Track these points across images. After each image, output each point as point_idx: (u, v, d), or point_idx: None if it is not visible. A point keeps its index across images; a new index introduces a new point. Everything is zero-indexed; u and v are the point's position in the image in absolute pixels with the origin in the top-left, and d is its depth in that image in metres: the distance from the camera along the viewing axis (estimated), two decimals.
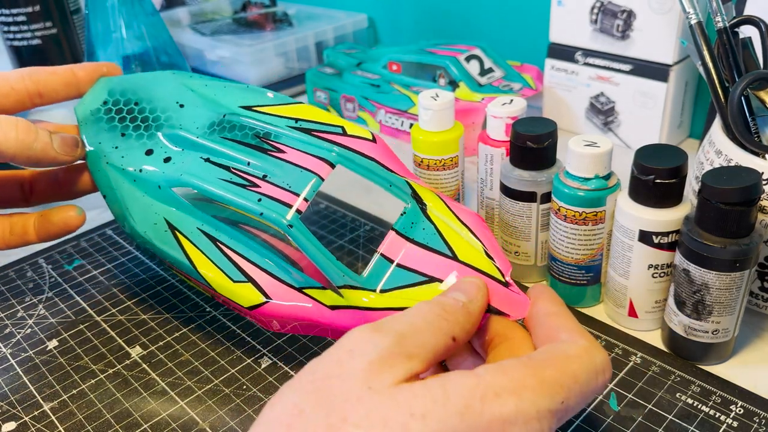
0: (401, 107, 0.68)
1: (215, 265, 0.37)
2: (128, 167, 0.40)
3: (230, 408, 0.38)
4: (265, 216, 0.35)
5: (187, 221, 0.39)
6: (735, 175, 0.34)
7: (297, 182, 0.36)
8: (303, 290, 0.36)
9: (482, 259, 0.35)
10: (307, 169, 0.37)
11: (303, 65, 0.86)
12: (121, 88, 0.43)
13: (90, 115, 0.42)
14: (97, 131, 0.42)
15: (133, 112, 0.43)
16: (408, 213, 0.37)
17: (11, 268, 0.52)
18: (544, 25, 0.69)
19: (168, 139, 0.41)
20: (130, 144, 0.41)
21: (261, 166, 0.38)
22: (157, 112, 0.42)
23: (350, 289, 0.35)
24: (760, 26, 0.43)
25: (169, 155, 0.40)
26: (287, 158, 0.38)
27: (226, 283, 0.36)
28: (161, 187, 0.39)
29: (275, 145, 0.39)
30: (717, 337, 0.38)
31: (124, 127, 0.42)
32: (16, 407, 0.39)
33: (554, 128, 0.42)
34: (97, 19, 0.64)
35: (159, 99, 0.43)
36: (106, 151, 0.41)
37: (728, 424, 0.35)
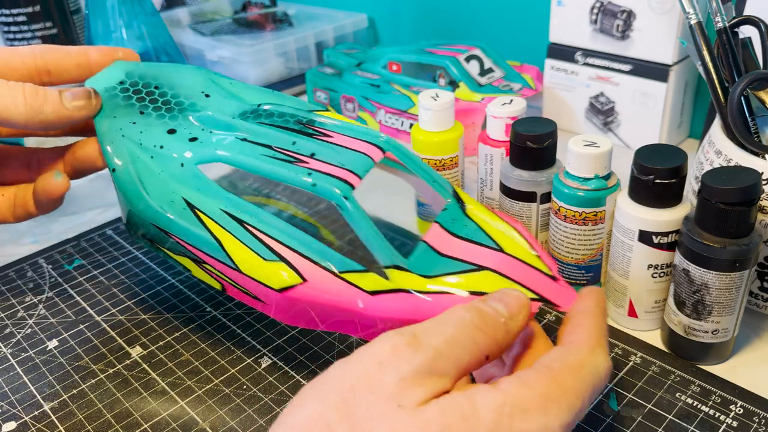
0: (401, 107, 0.68)
1: (243, 243, 0.34)
2: (147, 143, 0.37)
3: (230, 408, 0.38)
4: (317, 187, 0.33)
5: (209, 202, 0.36)
6: (735, 175, 0.34)
7: (348, 161, 0.34)
8: (341, 274, 0.33)
9: (529, 255, 0.34)
10: (358, 150, 0.35)
11: (303, 65, 0.86)
12: (140, 73, 0.41)
13: (104, 91, 0.40)
14: (112, 106, 0.39)
15: (153, 95, 0.40)
16: (449, 209, 0.36)
17: (11, 268, 0.52)
18: (544, 25, 0.69)
19: (196, 120, 0.38)
20: (149, 121, 0.39)
21: (308, 146, 0.35)
22: (180, 97, 0.40)
23: (398, 270, 0.33)
24: (760, 26, 0.43)
25: (195, 135, 0.37)
26: (335, 141, 0.36)
27: (256, 261, 0.34)
28: (184, 165, 0.36)
29: (320, 130, 0.37)
30: (717, 337, 0.38)
31: (143, 106, 0.39)
32: (16, 407, 0.39)
33: (554, 128, 0.42)
34: (97, 19, 0.64)
35: (182, 87, 0.41)
36: (122, 125, 0.38)
37: (728, 424, 0.35)
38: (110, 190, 0.62)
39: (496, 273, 0.33)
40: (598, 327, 0.29)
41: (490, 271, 0.33)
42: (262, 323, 0.44)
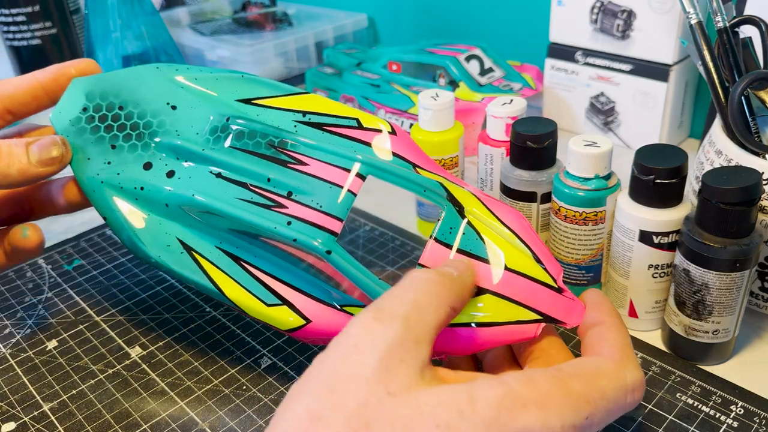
0: (401, 107, 0.68)
1: (244, 288, 0.34)
2: (127, 186, 0.36)
3: (230, 408, 0.38)
4: (299, 242, 0.33)
5: (203, 241, 0.35)
6: (735, 175, 0.34)
7: (328, 200, 0.33)
8: (343, 308, 0.33)
9: (531, 265, 0.32)
10: (336, 184, 0.34)
11: (303, 65, 0.86)
12: (100, 90, 0.38)
13: (70, 125, 0.37)
14: (83, 145, 0.37)
15: (119, 119, 0.37)
16: (445, 219, 0.34)
17: (11, 268, 0.52)
18: (544, 25, 0.69)
19: (167, 151, 0.37)
20: (123, 158, 0.37)
21: (284, 182, 0.34)
22: (147, 116, 0.38)
23: None
24: (760, 26, 0.43)
25: (171, 168, 0.36)
26: (311, 172, 0.34)
27: (260, 308, 0.34)
28: (169, 206, 0.35)
29: (294, 155, 0.35)
30: (717, 337, 0.38)
31: (112, 137, 0.37)
32: (15, 407, 0.39)
33: (554, 128, 0.42)
34: (97, 19, 0.64)
35: (146, 101, 0.38)
36: (99, 169, 0.36)
37: (728, 424, 0.35)
38: None
39: (498, 296, 0.31)
40: (622, 338, 0.29)
41: (491, 294, 0.31)
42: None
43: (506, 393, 0.24)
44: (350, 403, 0.23)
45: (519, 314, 0.31)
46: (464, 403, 0.23)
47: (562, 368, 0.26)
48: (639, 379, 0.27)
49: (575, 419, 0.24)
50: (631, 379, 0.27)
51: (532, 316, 0.31)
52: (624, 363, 0.27)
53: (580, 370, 0.26)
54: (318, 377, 0.24)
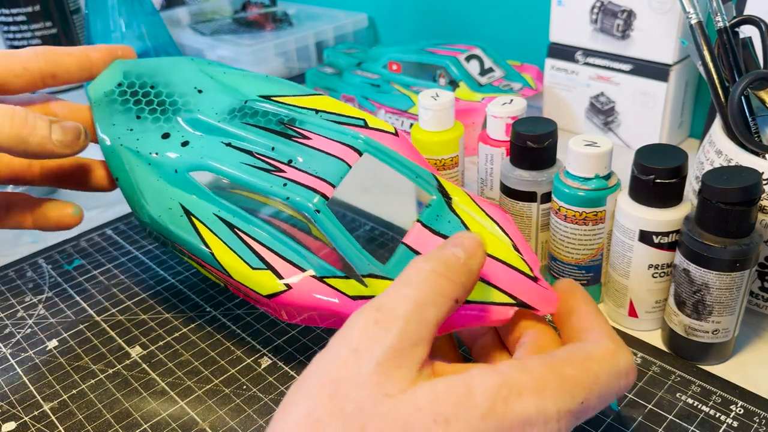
0: (401, 107, 0.68)
1: (233, 251, 0.36)
2: (144, 150, 0.39)
3: (230, 408, 0.38)
4: (291, 201, 0.35)
5: (203, 207, 0.37)
6: (735, 175, 0.34)
7: (324, 168, 0.36)
8: (324, 279, 0.34)
9: (510, 253, 0.34)
10: (334, 155, 0.36)
11: (303, 65, 0.86)
12: (137, 71, 0.43)
13: (104, 96, 0.41)
14: (111, 113, 0.41)
15: (149, 96, 0.42)
16: (433, 205, 0.36)
17: (11, 268, 0.52)
18: (544, 25, 0.69)
19: (186, 123, 0.40)
20: (145, 127, 0.40)
21: (286, 152, 0.37)
22: (174, 96, 0.41)
23: (375, 278, 0.34)
24: (760, 26, 0.43)
25: (187, 139, 0.39)
26: (313, 145, 0.37)
27: (244, 270, 0.35)
28: (178, 172, 0.38)
29: (300, 131, 0.38)
30: (717, 337, 0.38)
31: (139, 110, 0.41)
32: (16, 407, 0.39)
33: (554, 128, 0.42)
34: (97, 19, 0.64)
35: (176, 83, 0.42)
36: (121, 133, 0.40)
37: (728, 424, 0.35)
38: None
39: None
40: (604, 324, 0.29)
41: None
42: (262, 323, 0.44)
43: (502, 381, 0.24)
44: (348, 407, 0.23)
45: (494, 296, 0.32)
46: (461, 394, 0.23)
47: (555, 354, 0.26)
48: (630, 363, 0.27)
49: (571, 404, 0.24)
50: (624, 364, 0.27)
51: (506, 299, 0.32)
52: (615, 347, 0.27)
53: (573, 356, 0.26)
54: (317, 380, 0.24)
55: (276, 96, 0.40)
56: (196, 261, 0.38)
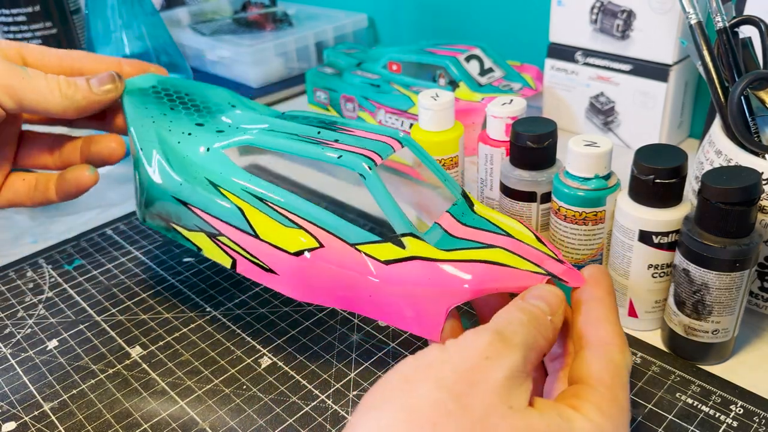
0: (401, 107, 0.68)
1: (262, 212, 0.36)
2: (175, 129, 0.41)
3: (230, 408, 0.38)
4: (342, 159, 0.35)
5: (231, 181, 0.38)
6: (735, 175, 0.34)
7: (370, 145, 0.37)
8: (356, 246, 0.35)
9: (535, 242, 0.35)
10: (378, 140, 0.37)
11: (303, 65, 0.86)
12: (171, 83, 0.45)
13: (137, 90, 0.44)
14: (144, 100, 0.43)
15: (183, 99, 0.44)
16: (458, 204, 0.38)
17: (11, 268, 0.52)
18: (544, 25, 0.69)
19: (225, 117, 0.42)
20: (179, 116, 0.42)
21: (331, 135, 0.38)
22: (209, 104, 0.44)
23: (414, 237, 0.34)
24: (760, 26, 0.43)
25: (222, 129, 0.41)
26: (357, 134, 0.38)
27: (275, 227, 0.36)
28: (210, 150, 0.39)
29: (342, 128, 0.39)
30: (717, 337, 0.38)
31: (173, 105, 0.43)
32: (16, 407, 0.39)
33: (554, 128, 0.42)
34: (97, 19, 0.64)
35: (210, 97, 0.45)
36: (154, 114, 0.42)
37: (728, 424, 0.35)
38: (110, 189, 0.62)
39: (506, 251, 0.34)
40: (614, 315, 0.30)
41: (501, 249, 0.34)
42: (262, 323, 0.44)
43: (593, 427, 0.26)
44: (477, 408, 0.24)
45: (529, 266, 0.33)
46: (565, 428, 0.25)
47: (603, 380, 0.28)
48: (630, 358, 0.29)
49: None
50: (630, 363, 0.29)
51: (537, 270, 0.33)
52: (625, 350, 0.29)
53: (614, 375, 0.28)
54: (450, 375, 0.25)
55: None
56: (211, 231, 0.38)
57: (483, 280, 0.32)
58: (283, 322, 0.44)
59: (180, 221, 0.39)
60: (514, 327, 0.27)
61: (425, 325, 0.34)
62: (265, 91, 0.82)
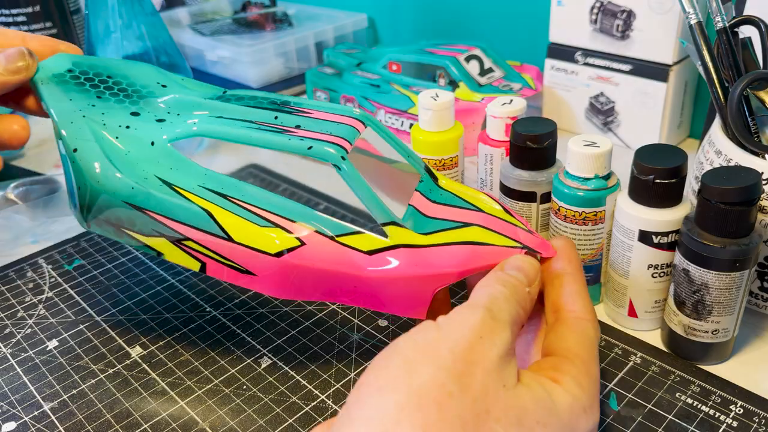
0: (401, 107, 0.68)
1: (232, 213, 0.33)
2: (111, 123, 0.35)
3: (230, 408, 0.38)
4: (314, 150, 0.33)
5: (186, 179, 0.34)
6: (735, 175, 0.34)
7: (335, 130, 0.34)
8: (336, 238, 0.33)
9: (504, 215, 0.35)
10: (341, 122, 0.35)
11: (303, 65, 0.86)
12: (88, 63, 0.38)
13: (52, 77, 0.37)
14: (65, 90, 0.36)
15: (107, 83, 0.38)
16: (424, 180, 0.37)
17: (11, 268, 0.52)
18: (544, 25, 0.69)
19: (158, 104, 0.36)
20: (109, 105, 0.36)
21: (291, 120, 0.34)
22: (136, 85, 0.38)
23: (395, 226, 0.33)
24: (760, 26, 0.43)
25: (161, 117, 0.36)
26: (316, 117, 0.35)
27: (250, 228, 0.32)
28: (155, 144, 0.34)
29: (298, 109, 0.36)
30: (717, 337, 0.38)
31: (99, 92, 0.37)
32: (16, 407, 0.39)
33: (554, 128, 0.42)
34: (97, 19, 0.64)
35: (136, 77, 0.38)
36: (81, 106, 0.36)
37: (728, 423, 0.35)
38: None
39: (481, 227, 0.34)
40: (583, 288, 0.32)
41: (476, 226, 0.34)
42: (262, 323, 0.44)
43: (573, 402, 0.27)
44: (476, 387, 0.25)
45: (505, 241, 0.33)
46: (550, 404, 0.26)
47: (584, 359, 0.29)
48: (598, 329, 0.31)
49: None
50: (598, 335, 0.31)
51: (514, 244, 0.33)
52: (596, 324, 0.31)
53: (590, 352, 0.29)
54: (449, 356, 0.25)
55: None
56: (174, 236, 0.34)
57: (467, 262, 0.33)
58: (283, 322, 0.44)
59: (134, 227, 0.34)
60: (500, 304, 0.28)
61: (411, 307, 0.34)
62: None
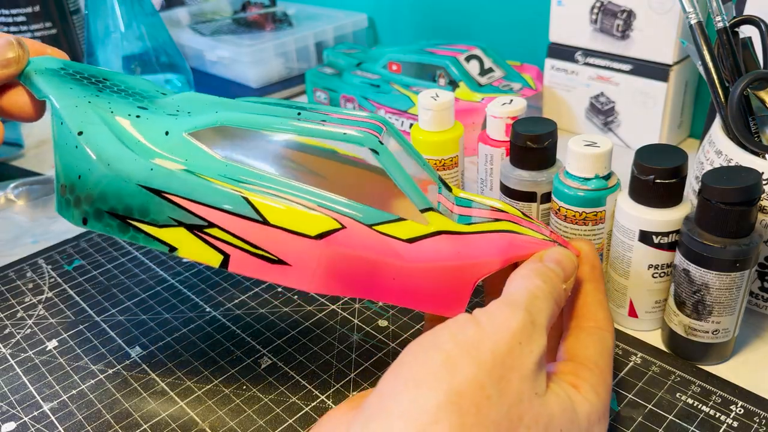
0: (401, 107, 0.68)
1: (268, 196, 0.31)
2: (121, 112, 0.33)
3: (230, 408, 0.38)
4: (348, 136, 0.31)
5: (208, 168, 0.31)
6: (735, 175, 0.34)
7: (360, 124, 0.33)
8: (374, 227, 0.31)
9: (525, 217, 0.35)
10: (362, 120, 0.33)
11: (303, 65, 0.86)
12: (81, 67, 0.36)
13: (45, 69, 0.35)
14: (63, 82, 0.34)
15: (105, 83, 0.35)
16: (441, 189, 0.36)
17: (11, 269, 0.52)
18: (544, 25, 0.69)
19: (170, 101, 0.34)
20: (114, 98, 0.34)
21: (315, 116, 0.33)
22: (137, 90, 0.35)
23: (435, 212, 0.32)
24: (760, 26, 0.43)
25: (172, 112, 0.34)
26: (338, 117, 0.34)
27: (287, 210, 0.30)
28: (169, 134, 0.32)
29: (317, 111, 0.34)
30: (717, 337, 0.38)
31: (99, 87, 0.35)
32: (16, 407, 0.39)
33: (554, 128, 0.42)
34: (97, 19, 0.64)
35: (134, 84, 0.36)
36: (87, 94, 0.33)
37: (728, 424, 0.35)
38: None
39: (512, 223, 0.34)
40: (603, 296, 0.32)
41: (507, 221, 0.34)
42: (262, 323, 0.44)
43: (591, 409, 0.27)
44: (512, 394, 0.25)
45: (536, 235, 0.33)
46: (573, 415, 0.27)
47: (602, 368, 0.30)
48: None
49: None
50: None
51: (548, 238, 0.33)
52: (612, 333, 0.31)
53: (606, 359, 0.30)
54: (488, 356, 0.25)
55: None
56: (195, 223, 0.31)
57: (508, 250, 0.32)
58: (283, 322, 0.44)
59: (146, 216, 0.31)
60: (539, 304, 0.28)
61: (450, 302, 0.32)
62: (264, 92, 0.82)
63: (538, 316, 0.27)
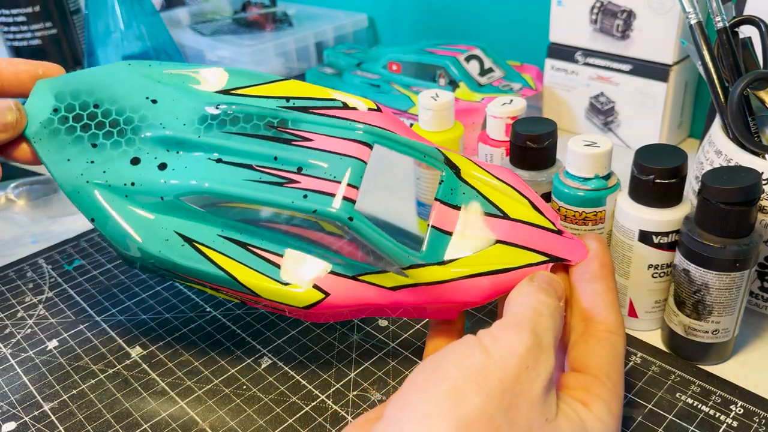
0: (401, 107, 0.68)
1: (255, 270, 0.33)
2: (116, 183, 0.35)
3: (230, 408, 0.38)
4: (319, 212, 0.32)
5: (203, 231, 0.34)
6: (735, 175, 0.34)
7: (340, 170, 0.33)
8: (358, 278, 0.33)
9: (531, 213, 0.34)
10: (346, 154, 0.33)
11: (303, 65, 0.86)
12: (70, 90, 0.36)
13: (42, 128, 0.35)
14: (59, 147, 0.35)
15: (96, 117, 0.36)
16: (445, 180, 0.35)
17: (11, 268, 0.52)
18: (544, 25, 0.69)
19: (156, 144, 0.35)
20: (107, 155, 0.35)
21: (292, 159, 0.34)
22: (126, 112, 0.36)
23: (416, 268, 0.33)
24: (760, 26, 0.43)
25: (162, 161, 0.35)
26: (317, 146, 0.34)
27: (275, 287, 0.33)
28: (164, 199, 0.34)
29: (296, 133, 0.35)
30: (717, 337, 0.38)
31: (91, 136, 0.35)
32: (16, 407, 0.39)
33: (554, 128, 0.42)
34: (97, 19, 0.64)
35: (123, 97, 0.36)
36: (82, 169, 0.35)
37: (728, 424, 0.35)
38: None
39: (506, 244, 0.33)
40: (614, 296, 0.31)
41: (501, 243, 0.33)
42: (262, 323, 0.44)
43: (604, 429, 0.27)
44: (522, 422, 0.24)
45: (528, 258, 0.33)
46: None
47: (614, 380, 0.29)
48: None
49: None
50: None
51: (539, 258, 0.33)
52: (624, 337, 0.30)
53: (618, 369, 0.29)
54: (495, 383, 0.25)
55: (239, 88, 0.37)
56: (212, 287, 0.35)
57: (492, 290, 0.33)
58: (283, 322, 0.44)
59: (174, 278, 0.36)
60: (545, 322, 0.27)
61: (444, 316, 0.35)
62: None
63: (545, 337, 0.27)
